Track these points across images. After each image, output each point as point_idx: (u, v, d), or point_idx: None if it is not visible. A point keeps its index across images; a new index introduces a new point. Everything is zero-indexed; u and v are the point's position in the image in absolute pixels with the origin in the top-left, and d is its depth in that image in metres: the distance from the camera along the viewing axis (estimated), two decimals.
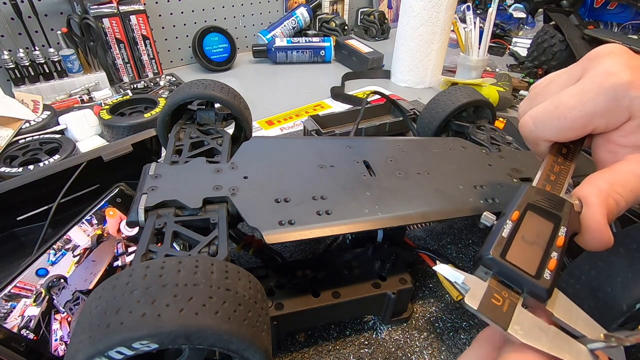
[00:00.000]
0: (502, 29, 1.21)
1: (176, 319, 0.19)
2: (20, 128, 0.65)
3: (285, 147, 0.40)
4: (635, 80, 0.22)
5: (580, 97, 0.24)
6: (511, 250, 0.21)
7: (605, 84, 0.23)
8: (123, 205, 0.39)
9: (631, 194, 0.23)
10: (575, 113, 0.24)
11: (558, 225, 0.22)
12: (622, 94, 0.22)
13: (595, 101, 0.23)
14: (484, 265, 0.21)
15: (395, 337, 0.37)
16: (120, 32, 0.86)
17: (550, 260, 0.20)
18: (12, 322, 0.30)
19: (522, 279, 0.20)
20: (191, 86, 0.42)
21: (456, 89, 0.50)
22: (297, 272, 0.35)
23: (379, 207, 0.33)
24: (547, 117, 0.25)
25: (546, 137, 0.26)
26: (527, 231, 0.22)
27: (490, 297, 0.20)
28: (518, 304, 0.20)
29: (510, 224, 0.22)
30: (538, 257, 0.21)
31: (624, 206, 0.23)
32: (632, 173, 0.23)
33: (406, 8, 0.86)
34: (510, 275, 0.20)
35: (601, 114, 0.23)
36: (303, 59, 1.06)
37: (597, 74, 0.23)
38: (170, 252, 0.26)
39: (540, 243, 0.21)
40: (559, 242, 0.21)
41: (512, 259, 0.21)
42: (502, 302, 0.20)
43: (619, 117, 0.23)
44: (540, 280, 0.20)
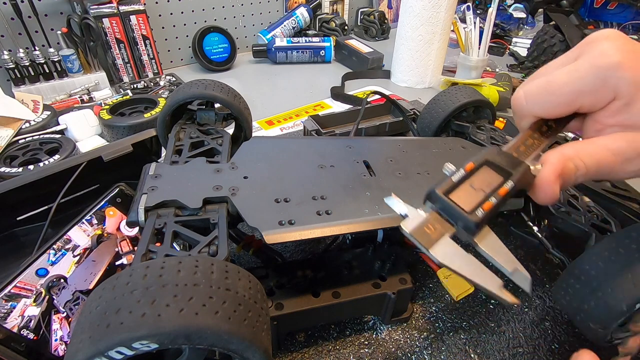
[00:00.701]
0: (502, 29, 1.21)
1: (176, 319, 0.19)
2: (20, 128, 0.65)
3: (285, 147, 0.40)
4: (624, 62, 0.23)
5: (571, 74, 0.25)
6: (456, 192, 0.24)
7: (595, 63, 0.24)
8: (123, 205, 0.39)
9: (595, 163, 0.24)
10: (565, 89, 0.25)
11: (507, 180, 0.24)
12: (610, 74, 0.23)
13: (584, 79, 0.24)
14: (430, 200, 0.24)
15: (395, 337, 0.37)
16: (120, 32, 0.86)
17: (487, 203, 0.23)
18: (12, 322, 0.30)
19: (457, 213, 0.23)
20: (191, 86, 0.42)
21: (456, 89, 0.50)
22: (297, 272, 0.35)
23: (379, 207, 0.33)
24: (539, 92, 0.26)
25: (535, 112, 0.27)
26: (476, 180, 0.24)
27: (423, 225, 0.23)
28: (446, 234, 0.23)
29: (462, 172, 0.25)
30: (477, 200, 0.23)
31: (584, 172, 0.24)
32: (604, 146, 0.24)
33: (406, 8, 0.86)
34: (448, 210, 0.23)
35: (588, 91, 0.24)
36: (303, 59, 1.06)
37: (591, 55, 0.24)
38: (170, 252, 0.26)
39: (485, 191, 0.24)
40: (501, 191, 0.23)
41: (454, 198, 0.23)
42: (433, 230, 0.23)
43: (604, 96, 0.24)
44: (471, 215, 0.22)
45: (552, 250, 0.36)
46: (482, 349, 0.36)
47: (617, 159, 0.24)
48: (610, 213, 0.37)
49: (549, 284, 0.43)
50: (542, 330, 0.38)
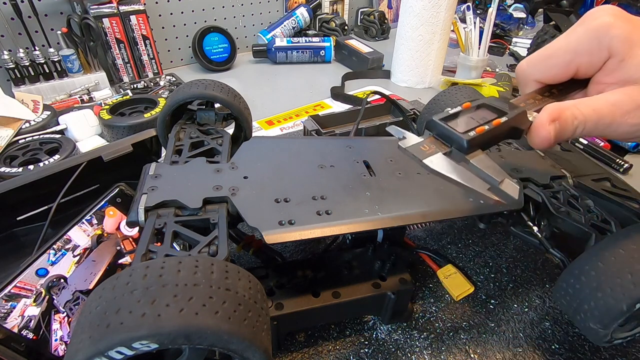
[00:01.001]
0: (502, 29, 1.21)
1: (176, 319, 0.19)
2: (20, 128, 0.65)
3: (285, 147, 0.40)
4: (616, 22, 0.25)
5: (567, 37, 0.27)
6: (453, 121, 0.25)
7: (590, 25, 0.26)
8: (123, 205, 0.39)
9: (593, 112, 0.25)
10: (561, 51, 0.27)
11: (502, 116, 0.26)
12: (603, 33, 0.25)
13: (579, 40, 0.26)
14: (427, 128, 0.26)
15: (395, 337, 0.37)
16: (120, 32, 0.86)
17: (480, 127, 0.24)
18: (12, 322, 0.30)
19: (452, 134, 0.24)
20: (191, 86, 0.42)
21: (456, 89, 0.50)
22: (297, 272, 0.35)
23: (379, 207, 0.33)
24: (539, 58, 0.28)
25: (535, 76, 0.29)
26: (473, 114, 0.26)
27: (420, 145, 0.25)
28: (440, 152, 0.24)
29: (459, 107, 0.26)
30: (471, 125, 0.25)
31: (582, 120, 0.25)
32: (602, 98, 0.25)
33: (406, 8, 0.86)
34: (444, 133, 0.25)
35: (583, 51, 0.26)
36: (303, 59, 1.06)
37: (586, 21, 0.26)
38: (170, 252, 0.26)
39: (479, 121, 0.25)
40: (495, 122, 0.25)
41: (451, 125, 0.25)
42: (428, 149, 0.25)
43: (599, 55, 0.26)
44: (464, 135, 0.24)
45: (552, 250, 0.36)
46: (482, 349, 0.36)
47: (617, 110, 0.24)
48: (610, 213, 0.37)
49: (549, 284, 0.43)
50: (542, 330, 0.38)
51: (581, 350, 0.36)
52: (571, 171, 0.42)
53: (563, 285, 0.31)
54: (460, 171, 0.23)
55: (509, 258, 0.46)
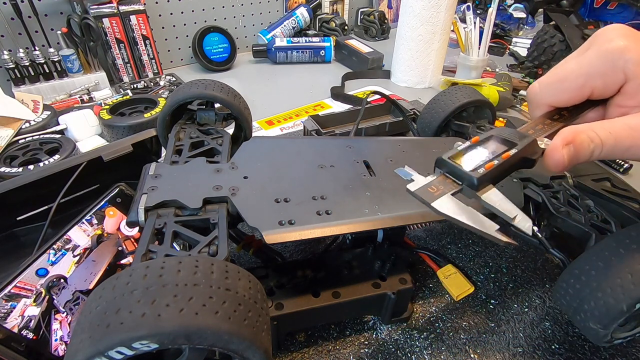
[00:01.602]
0: (502, 29, 1.21)
1: (176, 319, 0.19)
2: (20, 128, 0.65)
3: (285, 147, 0.40)
4: (629, 45, 0.24)
5: (580, 60, 0.26)
6: (462, 157, 0.25)
7: (602, 48, 0.25)
8: (123, 205, 0.39)
9: (610, 135, 0.24)
10: (573, 74, 0.27)
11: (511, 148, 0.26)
12: (617, 56, 0.25)
13: (591, 63, 0.26)
14: (438, 166, 0.26)
15: (395, 337, 0.37)
16: (120, 32, 0.86)
17: (489, 163, 0.24)
18: (12, 322, 0.30)
19: (462, 172, 0.24)
20: (191, 86, 0.42)
21: (456, 89, 0.50)
22: (297, 272, 0.35)
23: (379, 207, 0.33)
24: (551, 80, 0.28)
25: (548, 99, 0.28)
26: (482, 148, 0.26)
27: (428, 187, 0.25)
28: (448, 193, 0.24)
29: (468, 143, 0.27)
30: (480, 162, 0.25)
31: (598, 143, 0.24)
32: (622, 122, 0.25)
33: (406, 8, 0.86)
34: (454, 171, 0.25)
35: (597, 74, 0.26)
36: (303, 59, 1.06)
37: (598, 43, 0.26)
38: (170, 252, 0.26)
39: (489, 156, 0.25)
40: (504, 155, 0.25)
41: (459, 162, 0.25)
42: (436, 190, 0.24)
43: (614, 78, 0.25)
44: (473, 172, 0.24)
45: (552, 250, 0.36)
46: (482, 349, 0.36)
47: (637, 134, 0.24)
48: (610, 213, 0.37)
49: (549, 284, 0.43)
50: (542, 330, 0.38)
51: (581, 350, 0.36)
52: (571, 171, 0.42)
53: (563, 285, 0.31)
54: (469, 213, 0.23)
55: (509, 258, 0.46)
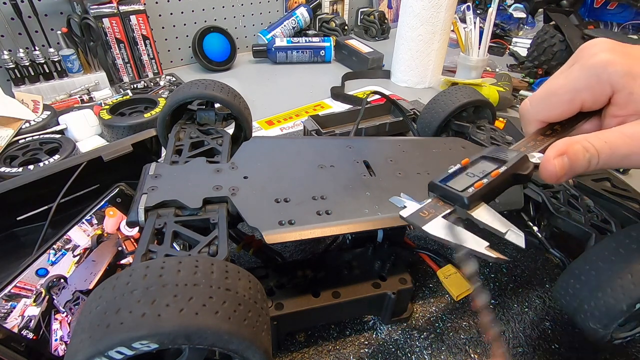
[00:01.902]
0: (502, 29, 1.21)
1: (176, 319, 0.19)
2: (20, 128, 0.65)
3: (285, 147, 0.40)
4: (612, 58, 0.25)
5: (566, 77, 0.27)
6: (453, 180, 0.26)
7: (587, 63, 0.26)
8: (123, 205, 0.39)
9: (605, 145, 0.24)
10: (562, 90, 0.27)
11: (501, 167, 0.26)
12: (600, 70, 0.25)
13: (578, 78, 0.26)
14: (430, 190, 0.27)
15: (395, 337, 0.37)
16: (120, 32, 0.86)
17: (478, 182, 0.25)
18: (12, 322, 0.30)
19: (453, 194, 0.25)
20: (191, 86, 0.42)
21: (456, 89, 0.50)
22: (297, 272, 0.35)
23: (379, 207, 0.33)
24: (541, 96, 0.29)
25: (539, 115, 0.29)
26: (472, 169, 0.27)
27: (420, 212, 0.25)
28: (439, 215, 0.25)
29: (458, 165, 0.27)
30: (470, 182, 0.25)
31: (594, 153, 0.24)
32: (617, 131, 0.25)
33: (406, 8, 0.86)
34: (446, 193, 0.26)
35: (584, 88, 0.26)
36: (303, 59, 1.06)
37: (582, 58, 0.27)
38: (170, 252, 0.26)
39: (479, 175, 0.26)
40: (493, 174, 0.25)
41: (450, 184, 0.26)
42: (427, 215, 0.25)
43: (602, 90, 0.26)
44: (463, 192, 0.25)
45: (552, 250, 0.36)
46: (482, 349, 0.36)
47: (634, 142, 0.24)
48: (610, 213, 0.37)
49: (549, 284, 0.43)
50: (542, 330, 0.38)
51: (581, 350, 0.36)
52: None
53: (563, 285, 0.31)
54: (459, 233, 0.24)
55: (509, 258, 0.46)
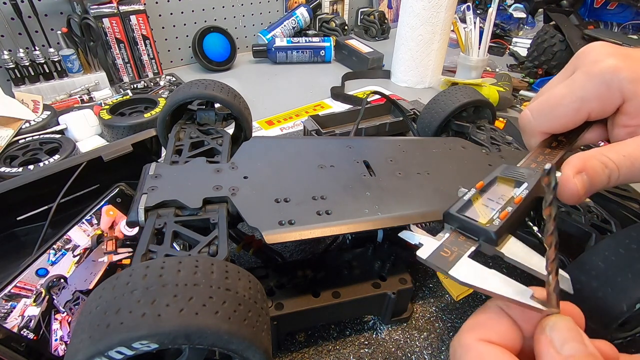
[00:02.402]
0: (502, 29, 1.21)
1: (176, 318, 0.19)
2: (20, 128, 0.65)
3: (285, 147, 0.40)
4: (620, 64, 0.24)
5: (570, 86, 0.26)
6: (471, 208, 0.23)
7: (593, 70, 0.25)
8: (123, 205, 0.39)
9: (624, 158, 0.23)
10: (566, 100, 0.26)
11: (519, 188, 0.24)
12: (610, 77, 0.24)
13: (584, 87, 0.25)
14: (446, 222, 0.24)
15: (395, 337, 0.37)
16: (120, 32, 0.86)
17: (503, 212, 0.22)
18: (12, 322, 0.30)
19: (476, 227, 0.22)
20: (191, 86, 0.42)
21: (456, 89, 0.50)
22: (297, 272, 0.35)
23: (379, 207, 0.33)
24: (543, 107, 0.27)
25: (542, 127, 0.28)
26: (490, 195, 0.24)
27: (440, 251, 0.23)
28: (464, 255, 0.22)
29: (474, 190, 0.25)
30: (493, 211, 0.23)
31: (614, 168, 0.23)
32: (634, 143, 0.24)
33: (406, 8, 0.86)
34: (466, 226, 0.23)
35: (592, 98, 0.25)
36: (303, 59, 1.06)
37: (585, 65, 0.25)
38: (170, 252, 0.26)
39: (499, 202, 0.24)
40: (516, 200, 0.23)
41: (470, 215, 0.23)
42: (450, 254, 0.22)
43: (612, 99, 0.24)
44: (489, 225, 0.22)
45: None
46: None
47: None
48: (610, 213, 0.37)
49: None
50: None
51: None
52: None
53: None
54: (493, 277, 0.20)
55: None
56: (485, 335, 0.20)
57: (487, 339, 0.20)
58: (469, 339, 0.20)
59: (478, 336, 0.20)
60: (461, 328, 0.21)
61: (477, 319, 0.21)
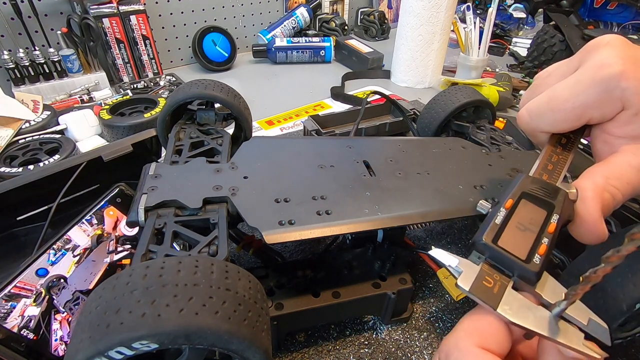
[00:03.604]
0: (502, 29, 1.21)
1: (176, 319, 0.19)
2: (20, 128, 0.65)
3: (285, 147, 0.40)
4: (626, 71, 0.22)
5: (573, 89, 0.24)
6: (503, 236, 0.22)
7: (597, 76, 0.23)
8: (123, 205, 0.39)
9: (628, 186, 0.23)
10: (568, 105, 0.24)
11: (551, 213, 0.23)
12: (613, 85, 0.23)
13: (587, 93, 0.24)
14: (477, 250, 0.22)
15: (395, 337, 0.37)
16: (120, 32, 0.86)
17: (541, 246, 0.21)
18: (12, 322, 0.30)
19: (513, 263, 0.21)
20: (191, 86, 0.42)
21: (456, 89, 0.50)
22: (297, 272, 0.35)
23: (379, 207, 0.33)
24: (542, 110, 0.26)
25: (542, 128, 0.27)
26: (520, 218, 0.23)
27: (481, 279, 0.21)
28: (508, 286, 0.20)
29: (503, 211, 0.23)
30: (529, 243, 0.21)
31: (620, 199, 0.23)
32: (627, 164, 0.23)
33: (406, 8, 0.86)
34: (502, 259, 0.21)
35: (594, 105, 0.24)
36: (303, 59, 1.06)
37: (591, 66, 0.24)
38: (170, 252, 0.26)
39: (533, 229, 0.22)
40: (550, 228, 0.22)
41: (503, 245, 0.21)
42: (493, 284, 0.20)
43: (612, 107, 0.24)
44: (530, 264, 0.20)
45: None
46: None
47: None
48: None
49: None
50: None
51: None
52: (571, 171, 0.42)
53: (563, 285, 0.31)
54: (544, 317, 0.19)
55: None
56: (484, 343, 0.19)
57: (486, 347, 0.19)
58: (467, 344, 0.19)
59: (476, 342, 0.19)
60: (458, 328, 0.21)
61: (475, 322, 0.21)
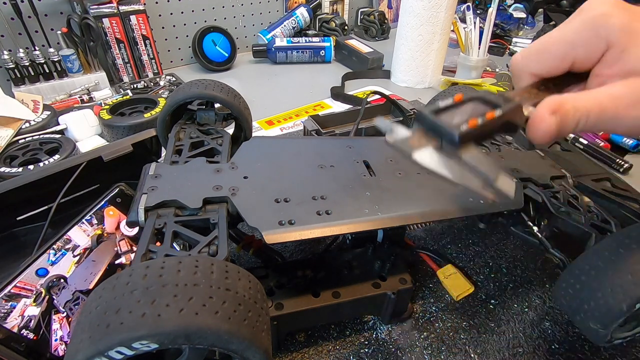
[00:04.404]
0: (502, 29, 1.21)
1: (176, 319, 0.19)
2: (20, 128, 0.65)
3: (285, 147, 0.40)
4: (611, 11, 0.24)
5: (563, 29, 0.26)
6: (443, 113, 0.24)
7: (585, 16, 0.25)
8: (123, 205, 0.39)
9: (597, 107, 0.23)
10: (556, 43, 0.26)
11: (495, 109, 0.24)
12: (599, 23, 0.24)
13: (575, 31, 0.25)
14: (417, 120, 0.24)
15: (395, 337, 0.37)
16: (120, 32, 0.86)
17: (472, 120, 0.22)
18: (12, 322, 0.30)
19: (442, 128, 0.23)
20: (191, 86, 0.42)
21: (456, 89, 0.50)
22: (297, 272, 0.35)
23: (379, 207, 0.33)
24: (533, 50, 0.27)
25: (530, 69, 0.28)
26: (465, 108, 0.25)
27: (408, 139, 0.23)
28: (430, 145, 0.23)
29: (450, 100, 0.25)
30: (463, 118, 0.23)
31: (584, 113, 0.24)
32: (605, 91, 0.24)
33: (406, 8, 0.86)
34: (433, 126, 0.23)
35: (580, 43, 0.25)
36: (303, 59, 1.06)
37: (580, 10, 0.25)
38: (170, 252, 0.26)
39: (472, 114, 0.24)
40: (488, 115, 0.23)
41: (440, 117, 0.23)
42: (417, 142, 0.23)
43: (597, 46, 0.25)
44: (455, 128, 0.22)
45: (552, 250, 0.36)
46: (482, 349, 0.36)
47: (620, 102, 0.23)
48: (610, 213, 0.37)
49: (549, 284, 0.43)
50: (542, 330, 0.38)
51: (581, 350, 0.36)
52: (571, 171, 0.42)
53: (563, 285, 0.31)
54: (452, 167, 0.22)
55: (509, 258, 0.46)
56: None
57: None
58: None
59: None
60: None
61: None
